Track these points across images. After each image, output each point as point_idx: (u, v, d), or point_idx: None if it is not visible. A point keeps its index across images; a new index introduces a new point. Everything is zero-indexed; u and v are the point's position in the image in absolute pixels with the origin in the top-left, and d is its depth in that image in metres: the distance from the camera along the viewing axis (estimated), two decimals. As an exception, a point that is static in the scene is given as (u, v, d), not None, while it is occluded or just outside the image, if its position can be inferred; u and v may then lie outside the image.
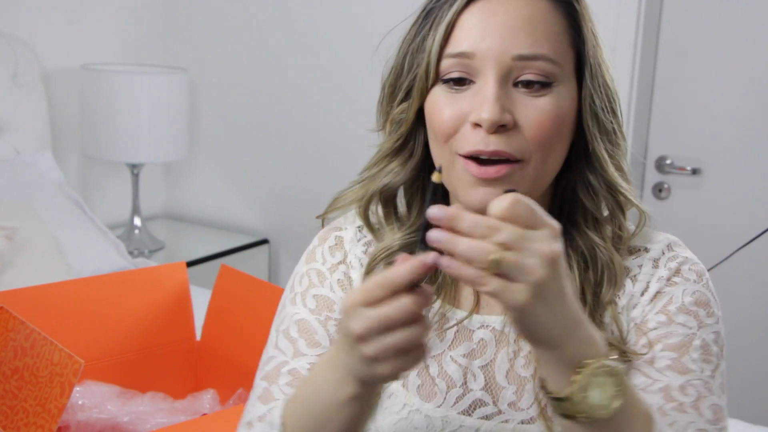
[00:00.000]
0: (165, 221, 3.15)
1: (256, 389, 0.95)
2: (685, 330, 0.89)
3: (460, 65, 0.86)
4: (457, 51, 0.86)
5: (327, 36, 2.75)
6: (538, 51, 0.85)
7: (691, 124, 2.43)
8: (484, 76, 0.85)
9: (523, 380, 0.92)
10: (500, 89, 0.84)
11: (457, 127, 0.87)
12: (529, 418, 0.91)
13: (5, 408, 1.31)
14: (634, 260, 0.94)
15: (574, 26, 0.89)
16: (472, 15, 0.86)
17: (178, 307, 1.69)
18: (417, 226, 0.95)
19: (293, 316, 0.97)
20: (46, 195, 2.36)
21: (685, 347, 0.88)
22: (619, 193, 0.93)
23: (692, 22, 2.39)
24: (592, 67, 0.89)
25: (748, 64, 2.33)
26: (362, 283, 0.73)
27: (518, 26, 0.85)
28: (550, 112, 0.86)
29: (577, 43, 0.89)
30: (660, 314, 0.91)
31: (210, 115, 3.04)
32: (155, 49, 3.03)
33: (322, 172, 2.81)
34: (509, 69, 0.85)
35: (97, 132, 2.67)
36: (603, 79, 0.90)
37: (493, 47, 0.85)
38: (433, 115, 0.89)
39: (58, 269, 2.10)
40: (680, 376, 0.86)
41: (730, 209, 2.40)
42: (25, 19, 2.62)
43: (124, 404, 1.52)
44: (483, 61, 0.85)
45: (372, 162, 0.97)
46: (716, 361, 0.89)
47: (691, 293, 0.92)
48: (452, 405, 0.93)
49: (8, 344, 1.35)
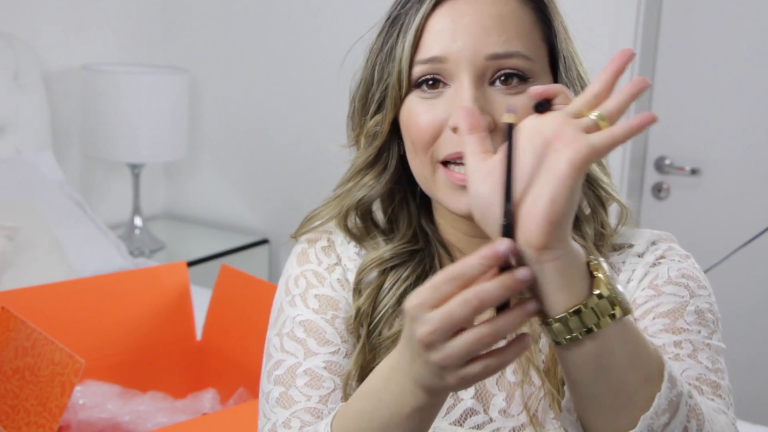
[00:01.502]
0: (165, 221, 3.15)
1: (271, 395, 0.91)
2: (676, 298, 0.87)
3: (432, 70, 0.85)
4: (428, 56, 0.84)
5: (327, 36, 2.76)
6: (511, 48, 0.83)
7: (690, 124, 2.44)
8: (459, 78, 0.83)
9: (512, 386, 0.91)
10: (476, 90, 0.83)
11: (436, 134, 0.85)
12: (520, 424, 0.90)
13: (6, 407, 1.31)
14: (618, 256, 0.93)
15: (545, 20, 0.88)
16: (440, 18, 0.84)
17: (179, 307, 1.69)
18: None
19: (295, 318, 0.94)
20: (47, 195, 2.37)
21: (678, 312, 0.85)
22: (599, 188, 0.91)
23: (692, 22, 2.39)
24: (566, 59, 0.88)
25: (748, 64, 2.33)
26: (428, 281, 0.65)
27: (489, 25, 0.83)
28: (528, 110, 0.85)
29: (549, 37, 0.88)
30: (647, 289, 0.89)
31: (210, 115, 3.05)
32: (156, 49, 3.03)
33: (322, 172, 2.80)
34: (484, 69, 0.83)
35: (98, 132, 2.67)
36: (577, 72, 0.89)
37: (465, 49, 0.83)
38: (410, 124, 0.87)
39: (59, 269, 2.10)
40: (675, 335, 0.83)
41: (729, 209, 2.41)
42: (26, 19, 2.62)
43: (124, 404, 1.53)
44: (456, 63, 0.83)
45: (346, 177, 0.96)
46: (713, 327, 0.86)
47: (677, 269, 0.90)
48: (443, 416, 0.91)
49: (9, 344, 1.35)
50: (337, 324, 0.94)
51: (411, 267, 0.94)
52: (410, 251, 0.95)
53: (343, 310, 0.94)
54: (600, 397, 0.69)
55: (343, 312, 0.94)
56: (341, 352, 0.92)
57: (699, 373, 0.81)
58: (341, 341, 0.93)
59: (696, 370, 0.81)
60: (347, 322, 0.94)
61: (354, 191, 0.94)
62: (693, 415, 0.69)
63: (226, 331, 1.68)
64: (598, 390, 0.68)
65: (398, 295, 0.93)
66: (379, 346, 0.93)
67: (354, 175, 0.95)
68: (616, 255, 0.93)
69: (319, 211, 0.98)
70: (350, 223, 0.96)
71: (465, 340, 0.64)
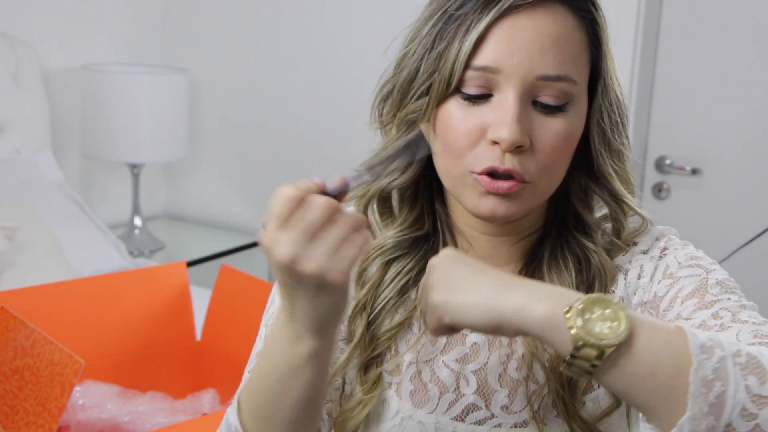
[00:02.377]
0: (165, 221, 3.15)
1: (244, 380, 0.94)
2: (694, 279, 0.87)
3: (481, 78, 0.84)
4: (482, 64, 0.84)
5: (327, 36, 2.76)
6: (561, 72, 0.83)
7: (690, 124, 2.44)
8: (505, 91, 0.83)
9: (515, 383, 0.91)
10: (522, 107, 0.83)
11: (473, 142, 0.85)
12: (522, 421, 0.91)
13: (6, 408, 1.31)
14: (623, 256, 0.94)
15: (595, 42, 0.88)
16: (500, 28, 0.83)
17: (178, 307, 1.69)
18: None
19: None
20: (47, 195, 2.37)
21: (702, 289, 0.86)
22: (624, 204, 0.92)
23: (692, 22, 2.39)
24: (605, 81, 0.88)
25: (748, 64, 2.33)
26: (269, 212, 0.74)
27: (546, 45, 0.83)
28: (563, 134, 0.85)
29: (595, 58, 0.88)
30: (664, 280, 0.90)
31: (210, 115, 3.05)
32: (156, 49, 3.03)
33: (323, 172, 2.80)
34: (531, 87, 0.83)
35: (98, 132, 2.67)
36: (614, 93, 0.90)
37: (520, 65, 0.83)
38: (448, 127, 0.86)
39: (59, 269, 2.10)
40: (709, 309, 0.84)
41: (730, 209, 2.41)
42: (25, 19, 2.62)
43: (124, 404, 1.52)
44: (507, 77, 0.83)
45: (375, 159, 0.94)
46: (738, 292, 0.87)
47: (683, 255, 0.91)
48: (445, 411, 0.92)
49: (9, 344, 1.35)
50: None
51: (414, 259, 0.94)
52: (413, 239, 0.95)
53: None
54: (643, 404, 0.70)
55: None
56: None
57: (752, 330, 0.80)
58: None
59: (747, 329, 0.80)
60: None
61: (382, 177, 0.94)
62: (749, 371, 0.68)
63: (225, 331, 1.68)
64: (638, 400, 0.70)
65: (399, 288, 0.94)
66: (379, 338, 0.93)
67: (385, 159, 0.93)
68: (622, 255, 0.94)
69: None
70: (370, 210, 0.97)
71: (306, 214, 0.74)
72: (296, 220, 0.73)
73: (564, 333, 0.69)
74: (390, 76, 0.92)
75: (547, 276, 0.92)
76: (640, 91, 2.41)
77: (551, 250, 0.93)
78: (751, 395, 0.67)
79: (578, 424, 0.89)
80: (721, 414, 0.67)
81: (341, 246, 0.73)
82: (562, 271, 0.91)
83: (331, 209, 0.73)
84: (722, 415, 0.67)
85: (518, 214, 0.87)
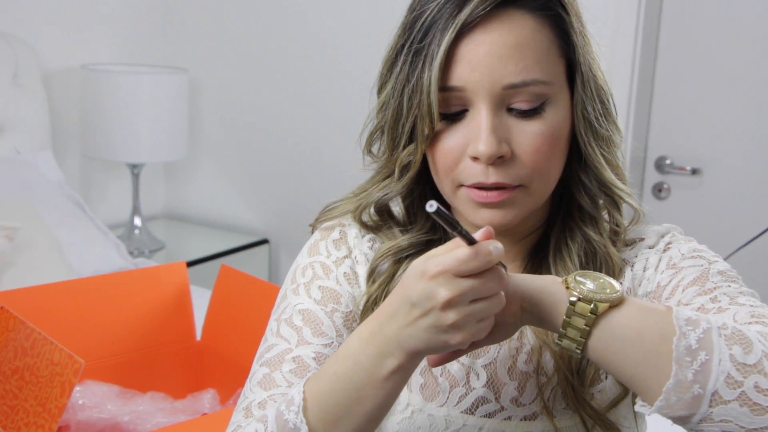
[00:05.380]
0: (165, 221, 3.15)
1: (255, 375, 0.93)
2: (696, 268, 0.89)
3: (454, 98, 0.86)
4: (449, 86, 0.85)
5: (328, 36, 2.76)
6: (527, 78, 0.84)
7: (690, 124, 2.44)
8: (477, 106, 0.85)
9: (525, 376, 0.93)
10: (494, 118, 0.84)
11: (457, 160, 0.87)
12: (531, 413, 0.92)
13: (6, 408, 1.31)
14: (630, 251, 0.96)
15: (563, 36, 0.88)
16: (460, 48, 0.85)
17: (178, 307, 1.69)
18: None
19: (296, 306, 0.96)
20: (47, 195, 2.37)
21: (703, 277, 0.88)
22: (614, 194, 0.93)
23: (692, 22, 2.39)
24: (584, 73, 0.89)
25: (748, 64, 2.33)
26: (449, 253, 0.73)
27: (506, 55, 0.84)
28: (543, 134, 0.86)
29: (567, 52, 0.88)
30: (667, 270, 0.92)
31: (210, 115, 3.05)
32: (155, 49, 3.03)
33: (322, 172, 2.81)
34: (501, 98, 0.85)
35: (97, 132, 2.67)
36: (595, 82, 0.90)
37: (483, 79, 0.84)
38: (434, 148, 0.89)
39: (59, 269, 2.10)
40: (708, 295, 0.86)
41: (730, 209, 2.41)
42: (25, 19, 2.62)
43: (124, 404, 1.52)
44: (474, 93, 0.84)
45: (367, 184, 0.98)
46: (740, 282, 0.89)
47: (686, 248, 0.93)
48: (455, 404, 0.93)
49: (8, 344, 1.35)
50: (336, 318, 0.95)
51: None
52: (427, 240, 0.97)
53: (344, 304, 0.96)
54: (631, 371, 0.74)
55: (344, 307, 0.96)
56: (334, 345, 0.93)
57: (748, 312, 0.82)
58: (336, 335, 0.94)
59: (744, 311, 0.82)
60: (346, 318, 0.95)
61: (374, 192, 0.96)
62: (734, 342, 0.71)
63: (225, 331, 1.68)
64: (625, 367, 0.74)
65: None
66: None
67: (377, 182, 0.97)
68: (629, 250, 0.96)
69: (336, 205, 1.01)
70: (365, 217, 0.99)
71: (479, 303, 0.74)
72: (474, 292, 0.73)
73: (561, 291, 0.77)
74: (376, 120, 0.94)
75: (552, 267, 0.94)
76: (640, 91, 2.41)
77: (556, 242, 0.95)
78: (736, 363, 0.70)
79: (588, 413, 0.91)
80: (706, 382, 0.70)
81: (490, 317, 0.76)
82: (567, 262, 0.93)
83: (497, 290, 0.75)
84: (708, 383, 0.70)
85: (517, 219, 0.89)
